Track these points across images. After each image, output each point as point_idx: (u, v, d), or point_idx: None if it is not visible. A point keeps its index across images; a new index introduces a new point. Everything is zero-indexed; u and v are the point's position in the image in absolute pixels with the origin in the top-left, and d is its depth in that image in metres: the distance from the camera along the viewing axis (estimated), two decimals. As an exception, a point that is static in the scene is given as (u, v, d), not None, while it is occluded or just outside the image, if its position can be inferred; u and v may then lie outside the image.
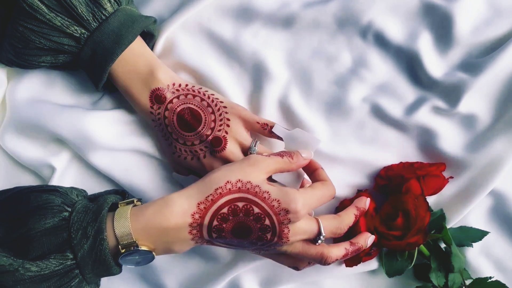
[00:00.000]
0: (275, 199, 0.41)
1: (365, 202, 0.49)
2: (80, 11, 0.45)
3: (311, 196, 0.43)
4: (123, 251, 0.41)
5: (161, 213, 0.41)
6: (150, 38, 0.52)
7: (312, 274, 0.52)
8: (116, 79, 0.49)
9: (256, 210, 0.41)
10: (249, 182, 0.42)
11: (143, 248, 0.41)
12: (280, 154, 0.45)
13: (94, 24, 0.47)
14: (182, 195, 0.42)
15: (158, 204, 0.42)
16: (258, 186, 0.42)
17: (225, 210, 0.41)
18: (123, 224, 0.41)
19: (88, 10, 0.46)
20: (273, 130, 0.49)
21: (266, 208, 0.41)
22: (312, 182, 0.48)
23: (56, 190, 0.43)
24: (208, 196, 0.41)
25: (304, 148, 0.48)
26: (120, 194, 0.47)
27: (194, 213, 0.41)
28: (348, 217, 0.47)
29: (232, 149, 0.49)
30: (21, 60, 0.48)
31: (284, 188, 0.42)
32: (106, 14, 0.47)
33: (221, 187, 0.42)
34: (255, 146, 0.50)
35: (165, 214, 0.41)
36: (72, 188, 0.46)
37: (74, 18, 0.46)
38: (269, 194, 0.42)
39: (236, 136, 0.50)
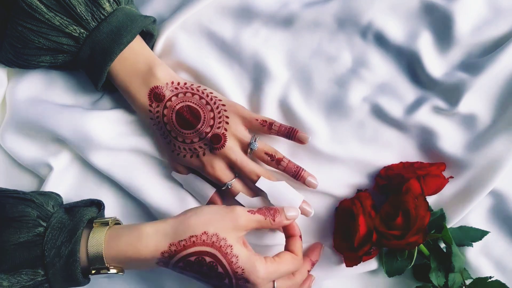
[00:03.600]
0: (240, 267, 0.43)
1: (319, 253, 0.51)
2: (79, 11, 0.46)
3: (275, 271, 0.45)
4: (93, 272, 0.42)
5: (135, 246, 0.42)
6: (149, 38, 0.52)
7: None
8: (115, 78, 0.49)
9: (220, 269, 0.43)
10: (224, 239, 0.43)
11: (113, 271, 0.43)
12: (264, 213, 0.46)
13: (93, 23, 0.47)
14: (158, 232, 0.43)
15: (133, 236, 0.43)
16: (230, 246, 0.43)
17: (192, 258, 0.42)
18: (97, 249, 0.42)
19: (87, 9, 0.46)
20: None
21: (229, 271, 0.43)
22: (285, 246, 0.49)
23: (32, 200, 0.43)
24: (181, 241, 0.43)
25: (287, 203, 0.49)
26: (96, 205, 0.47)
27: (164, 251, 0.42)
28: (301, 276, 0.49)
29: (231, 145, 0.49)
30: (21, 60, 0.48)
31: (252, 258, 0.43)
32: (105, 14, 0.47)
33: (196, 236, 0.43)
34: (255, 141, 0.50)
35: (138, 248, 0.42)
36: (48, 196, 0.46)
37: (73, 17, 0.46)
38: (237, 259, 0.43)
39: (236, 133, 0.50)
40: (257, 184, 0.49)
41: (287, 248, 0.48)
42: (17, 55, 0.48)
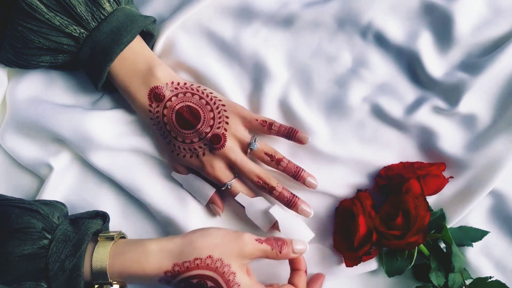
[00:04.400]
0: None
1: (321, 285, 0.50)
2: (79, 11, 0.46)
3: None
4: (96, 286, 0.42)
5: (139, 263, 0.42)
6: (149, 38, 0.52)
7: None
8: (115, 78, 0.49)
9: None
10: (228, 265, 0.43)
11: (115, 286, 0.43)
12: (271, 244, 0.45)
13: (93, 23, 0.47)
14: (163, 251, 0.43)
15: (138, 253, 0.43)
16: (233, 273, 0.43)
17: (194, 280, 0.42)
18: (101, 264, 0.42)
19: (87, 9, 0.46)
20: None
21: None
22: (289, 279, 0.48)
23: (38, 211, 0.43)
24: (186, 262, 0.42)
25: (296, 235, 0.49)
26: (101, 217, 0.47)
27: (168, 271, 0.42)
28: None
29: (231, 146, 0.49)
30: (21, 60, 0.48)
31: (254, 287, 0.43)
32: (105, 14, 0.47)
33: (201, 259, 0.42)
34: (255, 141, 0.50)
35: (142, 265, 0.42)
36: (53, 206, 0.46)
37: (73, 17, 0.46)
38: (239, 287, 0.43)
39: (235, 133, 0.50)
40: (270, 211, 0.49)
41: (290, 281, 0.48)
42: (17, 55, 0.48)
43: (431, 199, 0.53)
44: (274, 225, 0.51)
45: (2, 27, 0.47)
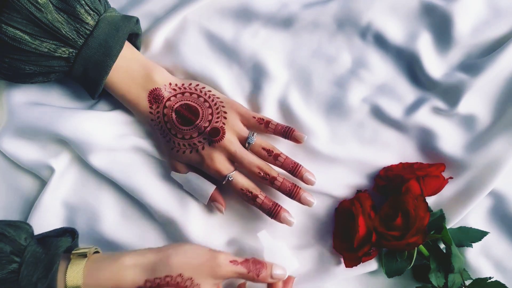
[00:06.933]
0: None
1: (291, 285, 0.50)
2: (64, 32, 0.45)
3: None
4: None
5: (114, 279, 0.42)
6: (136, 37, 0.52)
7: (310, 277, 0.52)
8: (113, 88, 0.50)
9: None
10: (198, 285, 0.43)
11: None
12: (248, 267, 0.45)
13: (80, 41, 0.47)
14: (136, 267, 0.43)
15: (113, 269, 0.42)
16: None
17: None
18: (75, 284, 0.41)
19: (71, 28, 0.46)
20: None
21: None
22: None
23: (4, 234, 0.42)
24: (156, 279, 0.42)
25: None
26: (70, 233, 0.46)
27: (140, 286, 0.42)
28: None
29: (230, 138, 0.50)
30: (14, 81, 0.49)
31: None
32: (90, 29, 0.47)
33: (172, 277, 0.42)
34: (252, 136, 0.50)
35: (117, 281, 0.42)
36: (19, 228, 0.44)
37: (59, 40, 0.46)
38: None
39: (234, 127, 0.50)
40: (258, 235, 0.49)
41: None
42: (10, 79, 0.48)
43: (430, 200, 0.53)
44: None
45: None
